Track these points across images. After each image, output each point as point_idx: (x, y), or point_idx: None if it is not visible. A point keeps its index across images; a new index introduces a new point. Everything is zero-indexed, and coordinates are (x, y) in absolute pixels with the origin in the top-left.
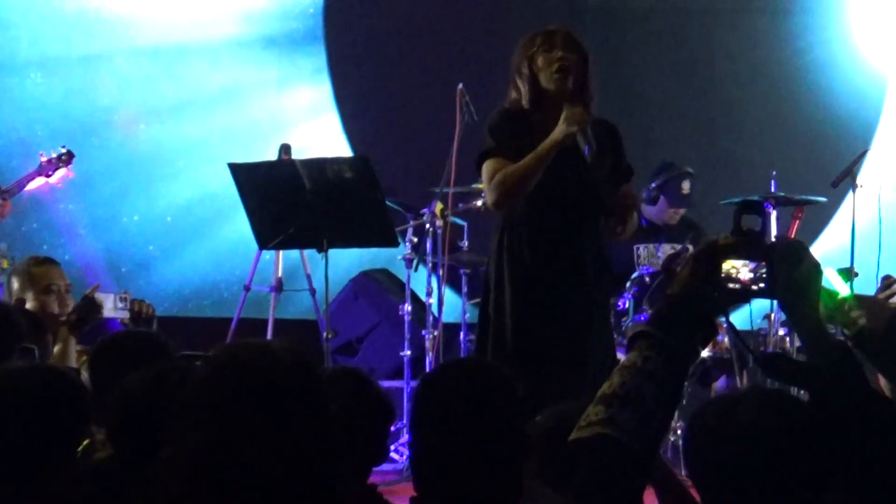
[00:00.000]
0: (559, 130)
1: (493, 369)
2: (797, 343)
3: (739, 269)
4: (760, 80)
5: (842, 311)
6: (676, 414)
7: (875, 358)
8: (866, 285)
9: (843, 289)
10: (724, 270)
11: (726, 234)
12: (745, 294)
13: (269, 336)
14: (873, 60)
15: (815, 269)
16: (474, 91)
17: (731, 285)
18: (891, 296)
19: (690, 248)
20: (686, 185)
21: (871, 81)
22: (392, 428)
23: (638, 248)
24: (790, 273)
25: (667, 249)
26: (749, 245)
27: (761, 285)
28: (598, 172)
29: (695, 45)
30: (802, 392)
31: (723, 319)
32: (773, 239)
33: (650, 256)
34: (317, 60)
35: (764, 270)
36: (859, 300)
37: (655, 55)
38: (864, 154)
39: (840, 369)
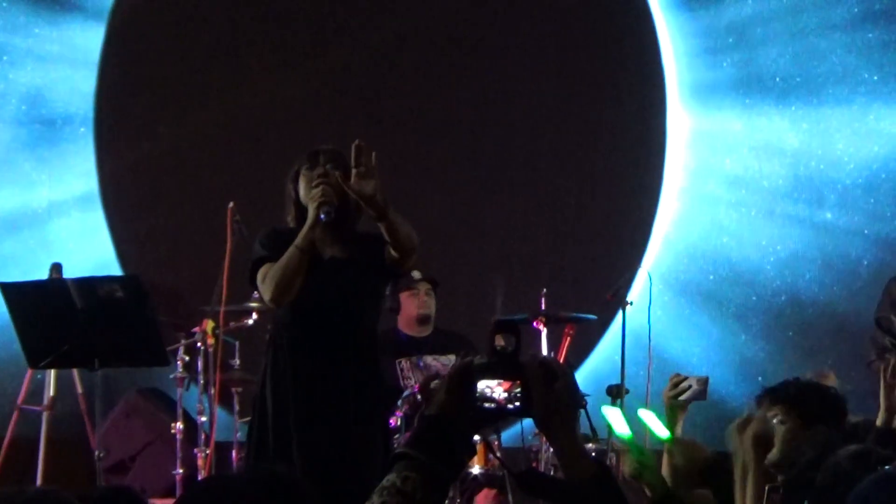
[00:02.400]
0: (309, 214)
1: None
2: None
3: (494, 388)
4: None
5: (650, 470)
6: None
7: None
8: (637, 401)
9: (661, 431)
10: (479, 390)
11: (481, 355)
12: (500, 413)
13: (40, 455)
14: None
15: (569, 387)
16: (246, 211)
17: (486, 405)
18: (679, 393)
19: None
20: (416, 273)
21: (643, 197)
22: None
23: (400, 363)
24: (544, 391)
25: (428, 361)
26: (503, 365)
27: (516, 404)
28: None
29: None
30: None
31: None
32: (529, 358)
33: (412, 368)
34: (88, 179)
35: (518, 389)
36: (677, 443)
37: None
38: (633, 273)
39: (596, 485)
